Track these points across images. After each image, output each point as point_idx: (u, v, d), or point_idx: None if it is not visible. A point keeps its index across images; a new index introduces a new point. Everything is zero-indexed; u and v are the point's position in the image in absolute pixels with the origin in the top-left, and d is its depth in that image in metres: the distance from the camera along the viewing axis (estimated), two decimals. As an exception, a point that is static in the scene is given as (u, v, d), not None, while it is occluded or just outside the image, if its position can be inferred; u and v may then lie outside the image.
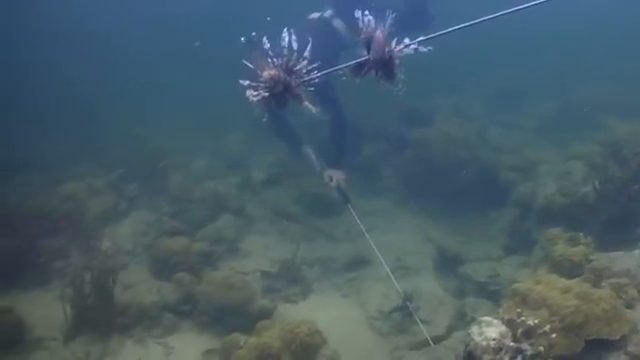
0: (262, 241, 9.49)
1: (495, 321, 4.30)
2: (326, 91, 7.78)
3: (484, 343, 4.10)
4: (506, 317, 4.31)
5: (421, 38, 2.50)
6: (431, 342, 6.37)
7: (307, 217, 10.22)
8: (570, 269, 6.22)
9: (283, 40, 2.75)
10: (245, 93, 2.82)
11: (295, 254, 8.52)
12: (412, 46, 2.50)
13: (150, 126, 14.86)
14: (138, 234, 9.43)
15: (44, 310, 7.43)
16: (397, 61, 2.52)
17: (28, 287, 8.05)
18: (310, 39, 2.71)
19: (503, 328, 4.21)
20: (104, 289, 7.18)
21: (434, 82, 15.01)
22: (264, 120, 6.12)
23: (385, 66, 2.53)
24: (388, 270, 6.63)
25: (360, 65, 2.59)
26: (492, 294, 7.62)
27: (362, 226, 7.05)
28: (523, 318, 4.19)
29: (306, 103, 2.83)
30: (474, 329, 4.29)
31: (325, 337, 5.86)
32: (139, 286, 7.88)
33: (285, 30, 2.69)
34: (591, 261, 6.03)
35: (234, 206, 10.17)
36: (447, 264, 8.56)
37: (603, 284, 5.10)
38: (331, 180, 8.01)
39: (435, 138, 10.88)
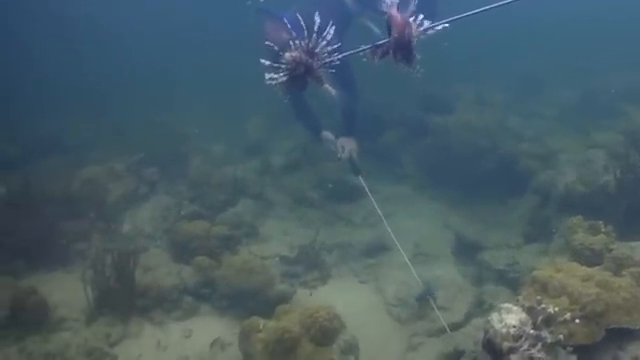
0: (281, 226, 9.55)
1: (515, 308, 4.30)
2: (341, 68, 7.69)
3: (504, 330, 4.11)
4: (526, 304, 4.30)
5: (441, 22, 2.50)
6: (448, 329, 6.39)
7: (326, 202, 10.22)
8: (590, 258, 6.20)
9: (301, 21, 2.75)
10: (266, 74, 2.83)
11: (314, 239, 8.55)
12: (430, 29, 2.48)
13: (170, 111, 14.94)
14: (158, 218, 9.50)
15: (66, 291, 7.50)
16: (415, 42, 2.51)
17: (51, 268, 8.16)
18: (318, 15, 2.71)
19: (523, 315, 4.21)
20: (124, 271, 7.23)
21: (454, 69, 14.98)
22: (286, 102, 6.13)
23: (404, 48, 2.53)
24: (407, 259, 6.64)
25: (380, 47, 2.58)
26: (511, 282, 7.60)
27: (374, 202, 7.13)
28: (543, 305, 4.19)
29: (326, 85, 2.84)
30: (494, 316, 4.29)
31: (344, 322, 5.87)
32: (159, 269, 7.93)
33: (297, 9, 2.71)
34: (611, 250, 6.02)
35: (253, 191, 10.23)
36: (466, 251, 8.56)
37: (624, 273, 5.07)
38: (343, 150, 7.92)
39: (455, 125, 10.87)
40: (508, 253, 8.22)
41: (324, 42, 2.77)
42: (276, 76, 2.83)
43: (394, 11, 2.48)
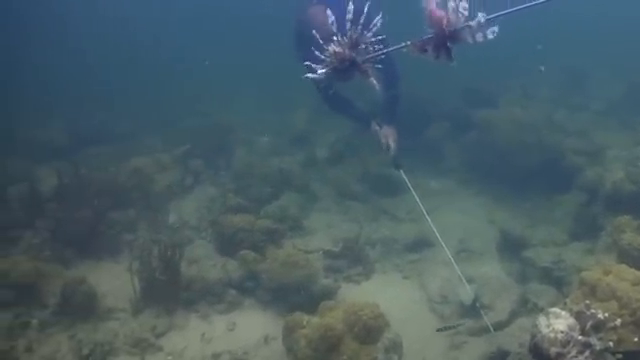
0: (325, 219, 9.57)
1: (563, 313, 4.24)
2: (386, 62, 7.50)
3: (552, 335, 4.07)
4: (575, 309, 4.24)
5: (488, 16, 2.46)
6: (492, 329, 6.35)
7: (370, 196, 10.24)
8: (639, 259, 6.12)
9: (349, 13, 2.74)
10: (308, 68, 2.82)
11: (358, 234, 8.56)
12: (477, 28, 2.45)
13: (217, 103, 15.07)
14: (203, 209, 9.61)
15: (114, 281, 7.67)
16: (461, 38, 2.48)
17: (100, 258, 8.36)
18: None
19: (571, 320, 4.16)
20: (170, 263, 7.32)
21: (499, 63, 14.84)
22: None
23: (444, 44, 2.51)
24: (451, 257, 6.57)
25: (423, 42, 2.56)
26: (556, 280, 7.49)
27: (416, 196, 6.96)
28: (593, 311, 4.13)
29: (372, 79, 2.83)
30: (541, 320, 4.25)
31: (388, 320, 5.87)
32: (204, 261, 8.01)
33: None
34: (661, 252, 5.95)
35: (298, 183, 10.25)
36: (510, 248, 8.41)
37: None
38: (386, 141, 7.54)
39: (500, 120, 10.75)
40: (553, 251, 8.05)
41: (370, 34, 2.76)
42: (316, 72, 2.83)
43: (432, 6, 2.46)
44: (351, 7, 2.72)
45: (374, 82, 2.86)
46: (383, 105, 7.78)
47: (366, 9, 2.74)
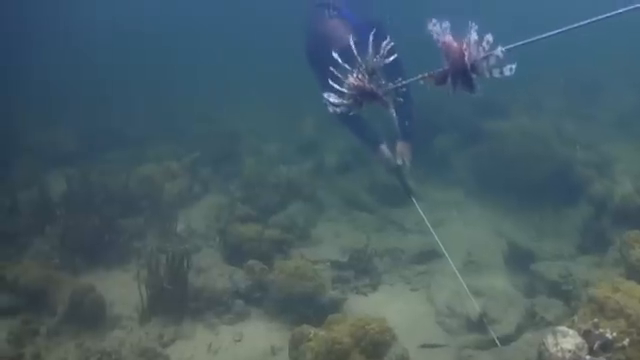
0: (333, 228, 9.62)
1: (571, 331, 4.24)
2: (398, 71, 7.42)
3: (559, 355, 4.06)
4: (583, 328, 4.24)
5: (507, 46, 2.46)
6: (498, 343, 6.34)
7: (378, 206, 10.28)
8: (648, 275, 6.10)
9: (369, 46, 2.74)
10: (327, 99, 2.83)
11: (366, 244, 8.57)
12: (497, 53, 2.45)
13: (226, 109, 15.12)
14: (211, 218, 9.65)
15: (122, 289, 7.70)
16: (479, 71, 2.49)
17: (108, 266, 8.39)
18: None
19: (579, 340, 4.15)
20: (178, 273, 7.34)
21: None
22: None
23: (463, 75, 2.51)
24: (457, 272, 6.57)
25: (440, 74, 2.57)
26: (564, 294, 7.45)
27: (423, 215, 6.97)
28: (601, 330, 4.13)
29: (392, 110, 2.84)
30: (549, 339, 4.24)
31: (395, 334, 5.86)
32: (212, 271, 8.01)
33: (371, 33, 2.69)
34: (671, 268, 5.92)
35: (306, 193, 10.30)
36: (518, 260, 8.40)
37: None
38: (402, 159, 7.50)
39: (510, 131, 10.77)
40: (561, 264, 8.04)
41: (383, 59, 2.77)
42: (339, 103, 2.84)
43: (448, 37, 2.46)
44: (371, 39, 2.73)
45: (394, 114, 2.86)
46: (398, 120, 7.63)
47: (371, 38, 2.74)
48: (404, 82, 2.84)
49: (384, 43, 2.73)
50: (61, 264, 8.14)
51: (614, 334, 4.12)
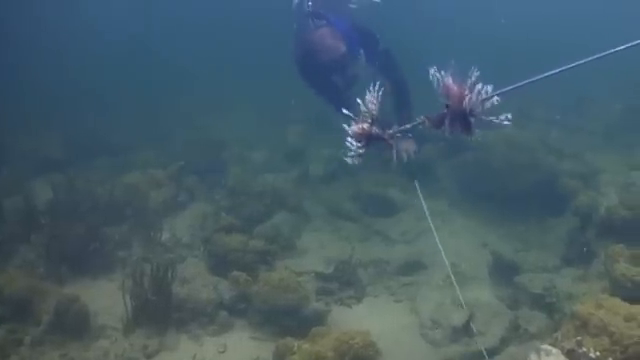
0: (318, 239, 9.65)
1: (554, 350, 4.24)
2: (387, 58, 7.46)
3: (542, 374, 4.08)
4: (566, 346, 4.26)
5: (500, 91, 2.49)
6: (487, 357, 6.34)
7: (363, 216, 10.28)
8: (632, 290, 6.11)
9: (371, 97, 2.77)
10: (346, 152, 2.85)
11: (351, 255, 8.57)
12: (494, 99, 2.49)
13: (212, 116, 15.13)
14: (196, 227, 9.65)
15: (107, 299, 7.69)
16: (476, 115, 2.51)
17: (94, 275, 8.37)
18: None
19: (562, 358, 4.17)
20: (163, 283, 7.34)
21: (495, 81, 14.85)
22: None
23: (462, 119, 2.54)
24: (454, 279, 6.51)
25: (439, 117, 2.59)
26: (547, 307, 7.50)
27: (427, 210, 6.72)
28: (584, 349, 4.15)
29: (394, 151, 2.87)
30: (532, 358, 4.26)
31: (379, 349, 5.88)
32: (196, 281, 7.99)
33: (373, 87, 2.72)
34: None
35: (291, 202, 10.32)
36: (502, 272, 8.41)
37: None
38: (405, 152, 7.00)
39: (495, 140, 10.76)
40: (545, 276, 8.07)
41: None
42: (354, 155, 2.87)
43: (449, 81, 2.49)
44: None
45: (394, 155, 2.90)
46: (398, 115, 7.44)
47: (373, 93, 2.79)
48: (406, 127, 2.88)
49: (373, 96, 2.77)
50: (46, 273, 8.14)
51: (597, 353, 4.14)
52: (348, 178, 11.11)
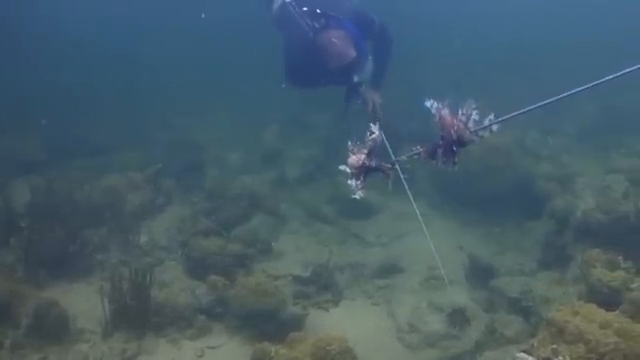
0: (295, 241, 9.69)
1: (530, 358, 4.30)
2: (382, 32, 7.15)
3: (519, 382, 4.12)
4: (542, 355, 4.29)
5: (493, 122, 2.52)
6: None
7: (339, 218, 10.33)
8: (608, 296, 6.19)
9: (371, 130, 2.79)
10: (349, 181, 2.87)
11: (328, 258, 8.62)
12: (486, 128, 2.51)
13: (190, 117, 15.11)
14: (174, 230, 9.64)
15: (86, 302, 7.71)
16: (467, 144, 2.54)
17: (72, 278, 8.36)
18: None
19: (538, 367, 4.21)
20: (141, 288, 7.37)
21: (473, 82, 14.94)
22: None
23: (453, 149, 2.56)
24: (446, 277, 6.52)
25: (433, 147, 2.62)
26: (523, 310, 7.57)
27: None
28: (560, 358, 4.18)
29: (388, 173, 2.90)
30: (509, 366, 4.31)
31: (356, 354, 5.90)
32: (174, 285, 8.06)
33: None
34: (631, 289, 6.00)
35: (268, 205, 10.38)
36: (479, 275, 8.51)
37: None
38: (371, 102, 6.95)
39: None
40: (522, 280, 8.16)
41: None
42: (357, 186, 2.88)
43: (444, 111, 2.52)
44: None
45: (390, 184, 2.93)
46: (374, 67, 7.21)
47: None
48: (402, 158, 2.91)
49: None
50: (25, 276, 8.12)
51: (573, 361, 4.18)
52: (325, 180, 11.15)
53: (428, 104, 2.53)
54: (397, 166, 2.90)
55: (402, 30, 8.26)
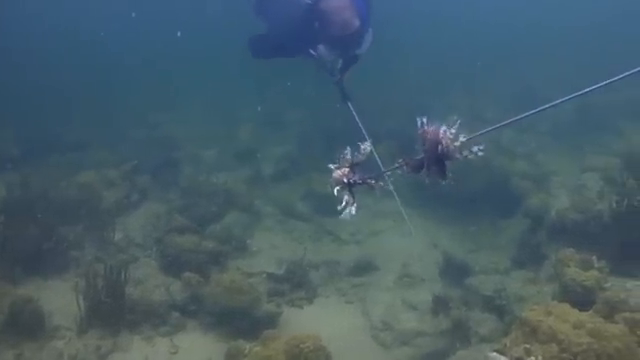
0: (270, 239, 9.72)
1: (503, 358, 4.32)
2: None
3: (492, 381, 4.14)
4: (515, 355, 4.32)
5: (475, 134, 2.53)
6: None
7: (314, 215, 10.36)
8: (582, 295, 6.21)
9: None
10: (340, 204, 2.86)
11: (302, 256, 8.66)
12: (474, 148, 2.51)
13: (165, 114, 15.06)
14: (149, 226, 9.60)
15: (61, 299, 7.67)
16: (454, 159, 2.54)
17: (47, 275, 8.30)
18: None
19: (511, 367, 4.23)
20: (116, 285, 7.36)
21: (449, 80, 15.03)
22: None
23: (438, 163, 2.57)
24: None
25: (417, 161, 2.63)
26: (497, 309, 7.58)
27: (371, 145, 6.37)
28: (532, 358, 4.21)
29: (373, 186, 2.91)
30: (481, 365, 4.33)
31: (329, 352, 5.93)
32: (148, 282, 8.05)
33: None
34: (604, 288, 6.05)
35: (243, 202, 10.40)
36: (453, 273, 8.55)
37: (617, 319, 4.91)
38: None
39: (447, 141, 10.83)
40: (496, 279, 8.19)
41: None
42: (346, 202, 2.87)
43: (430, 127, 2.52)
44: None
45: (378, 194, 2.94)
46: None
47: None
48: (386, 171, 2.92)
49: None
50: (0, 273, 8.01)
51: (545, 361, 4.20)
52: (299, 177, 11.17)
53: (418, 122, 2.52)
54: (381, 181, 2.89)
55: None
